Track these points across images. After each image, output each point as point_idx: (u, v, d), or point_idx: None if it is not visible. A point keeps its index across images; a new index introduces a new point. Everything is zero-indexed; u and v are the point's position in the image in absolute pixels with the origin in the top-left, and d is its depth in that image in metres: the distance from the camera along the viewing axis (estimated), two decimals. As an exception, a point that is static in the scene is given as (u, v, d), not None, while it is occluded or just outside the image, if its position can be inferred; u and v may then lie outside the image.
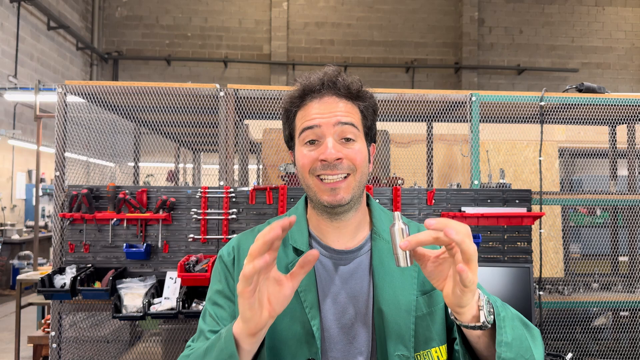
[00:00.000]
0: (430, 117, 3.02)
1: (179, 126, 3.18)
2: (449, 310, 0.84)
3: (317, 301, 0.96)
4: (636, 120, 3.06)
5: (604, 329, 2.91)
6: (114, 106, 2.62)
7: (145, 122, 2.92)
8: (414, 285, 0.98)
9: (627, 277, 2.93)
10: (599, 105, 2.59)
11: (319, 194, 0.95)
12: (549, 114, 2.81)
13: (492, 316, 0.80)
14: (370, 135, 1.02)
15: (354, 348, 0.95)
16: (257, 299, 0.75)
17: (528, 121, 2.94)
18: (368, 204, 1.08)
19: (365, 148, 0.98)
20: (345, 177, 0.94)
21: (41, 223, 7.82)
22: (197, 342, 0.96)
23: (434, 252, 0.78)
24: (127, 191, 2.27)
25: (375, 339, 0.95)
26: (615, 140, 3.28)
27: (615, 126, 3.28)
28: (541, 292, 2.47)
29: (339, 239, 1.01)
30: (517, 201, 2.38)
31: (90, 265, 2.26)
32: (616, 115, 2.96)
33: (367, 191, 1.08)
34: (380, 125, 3.11)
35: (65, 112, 2.36)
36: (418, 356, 0.94)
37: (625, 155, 3.22)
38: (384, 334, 0.93)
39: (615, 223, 3.32)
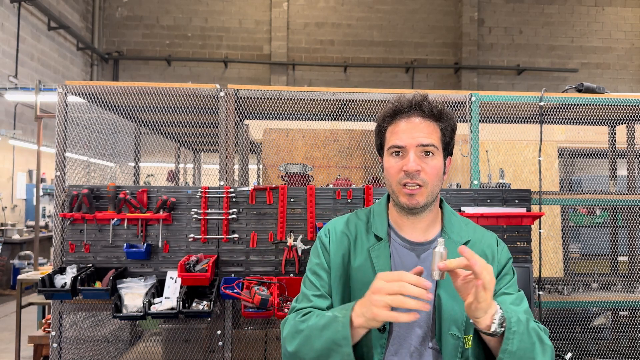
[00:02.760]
0: (430, 117, 3.02)
1: (179, 126, 3.19)
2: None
3: None
4: (636, 120, 3.07)
5: (603, 328, 2.92)
6: (115, 106, 2.62)
7: (146, 122, 2.93)
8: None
9: (627, 277, 2.94)
10: (599, 105, 2.60)
11: (400, 197, 1.17)
12: (549, 114, 2.82)
13: (502, 329, 1.01)
14: (448, 150, 1.22)
15: (415, 322, 1.12)
16: None
17: (528, 121, 2.94)
18: (441, 207, 1.28)
19: (441, 162, 1.18)
20: (419, 187, 1.14)
21: (42, 223, 7.83)
22: (302, 303, 1.21)
23: (464, 273, 0.99)
24: (127, 191, 2.27)
25: (435, 318, 1.15)
26: (615, 141, 3.28)
27: (614, 126, 3.28)
28: (541, 292, 2.47)
29: (413, 233, 1.22)
30: (516, 201, 2.38)
31: (90, 265, 2.26)
32: (616, 115, 2.97)
33: (367, 191, 1.25)
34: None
35: (66, 112, 2.36)
36: (466, 338, 1.14)
37: (624, 155, 3.22)
38: (442, 315, 1.14)
39: (615, 223, 3.32)
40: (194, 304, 2.18)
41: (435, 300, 1.16)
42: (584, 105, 2.61)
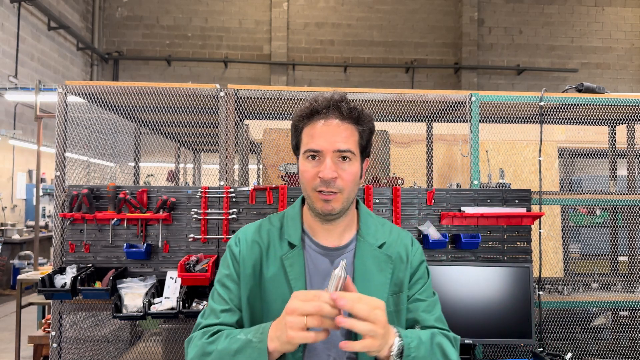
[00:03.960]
0: (430, 117, 3.03)
1: (179, 126, 3.18)
2: (408, 313, 1.17)
3: (305, 289, 1.12)
4: (636, 120, 3.07)
5: (603, 328, 2.92)
6: (115, 106, 2.62)
7: (146, 122, 2.93)
8: (387, 285, 1.16)
9: (627, 277, 2.94)
10: (599, 105, 2.60)
11: (316, 203, 1.12)
12: (549, 114, 2.82)
13: (398, 357, 0.99)
14: (365, 152, 1.18)
15: (333, 331, 1.08)
16: None
17: (528, 121, 2.94)
18: (357, 208, 1.24)
19: (358, 167, 1.14)
20: (335, 193, 1.10)
21: (41, 223, 7.83)
22: (209, 319, 1.13)
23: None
24: (127, 191, 2.27)
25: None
26: (615, 140, 3.28)
27: (614, 126, 3.28)
28: (541, 292, 2.47)
29: (328, 238, 1.18)
30: (516, 201, 2.38)
31: (90, 265, 2.26)
32: (616, 115, 2.97)
33: (367, 191, 1.27)
34: (380, 125, 3.10)
35: (66, 112, 2.36)
36: None
37: (624, 155, 3.22)
38: None
39: (615, 223, 3.32)
40: (194, 304, 2.18)
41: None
42: (584, 105, 2.60)
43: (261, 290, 1.15)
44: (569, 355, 2.19)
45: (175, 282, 2.21)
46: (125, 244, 2.25)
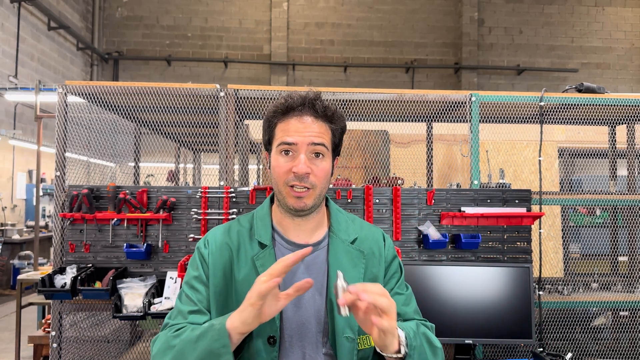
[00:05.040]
0: (430, 117, 3.03)
1: (179, 126, 3.18)
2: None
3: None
4: (636, 120, 3.07)
5: (603, 328, 2.92)
6: (115, 106, 2.62)
7: (146, 122, 2.93)
8: (361, 280, 1.17)
9: (627, 277, 2.94)
10: (599, 105, 2.59)
11: (288, 199, 1.13)
12: (549, 114, 2.82)
13: (407, 348, 1.01)
14: (337, 150, 1.21)
15: (306, 328, 1.13)
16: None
17: (528, 121, 2.94)
18: (328, 206, 1.26)
19: (329, 164, 1.16)
20: (307, 189, 1.12)
21: (41, 223, 7.83)
22: (176, 320, 1.13)
23: (363, 304, 0.94)
24: (127, 191, 2.27)
25: (328, 322, 1.14)
26: (615, 141, 3.28)
27: (614, 126, 3.28)
28: (541, 292, 2.47)
29: (299, 235, 1.19)
30: (516, 201, 2.38)
31: (90, 265, 2.26)
32: (616, 116, 2.97)
33: (367, 191, 1.28)
34: (380, 125, 3.11)
35: (66, 112, 2.36)
36: (360, 339, 1.14)
37: (624, 155, 3.22)
38: (335, 319, 1.12)
39: (615, 223, 3.32)
40: (194, 304, 2.18)
41: (327, 305, 1.14)
42: (584, 105, 2.60)
43: (234, 293, 1.14)
44: (569, 355, 2.19)
45: (175, 282, 2.21)
46: (125, 244, 2.25)
